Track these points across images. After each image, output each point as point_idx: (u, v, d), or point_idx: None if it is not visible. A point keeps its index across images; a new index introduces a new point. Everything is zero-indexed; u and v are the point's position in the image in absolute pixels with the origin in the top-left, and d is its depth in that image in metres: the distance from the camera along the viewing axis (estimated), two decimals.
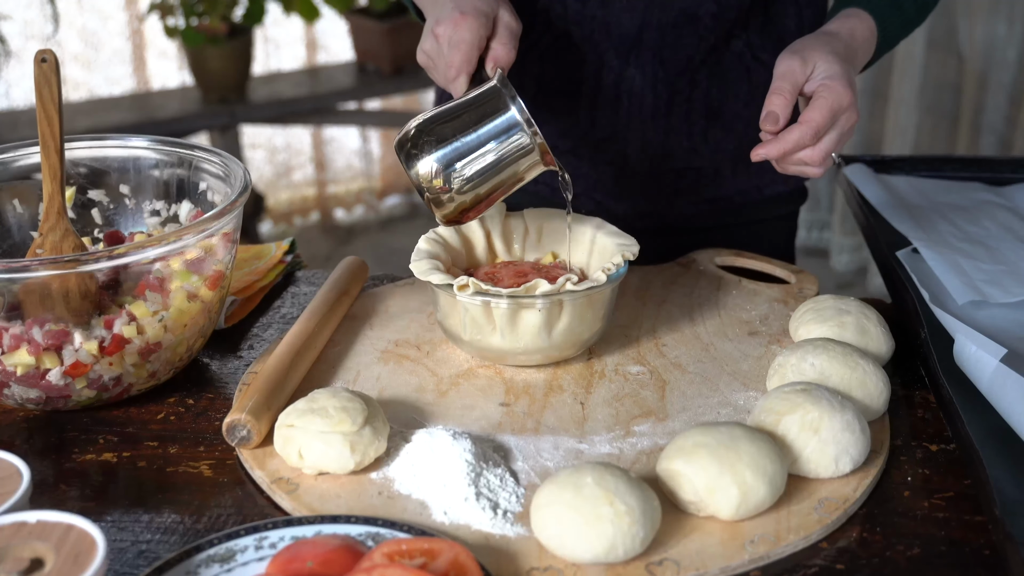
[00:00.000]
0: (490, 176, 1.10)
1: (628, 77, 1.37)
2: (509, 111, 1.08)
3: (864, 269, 3.82)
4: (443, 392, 1.12)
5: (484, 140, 1.09)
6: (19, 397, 1.07)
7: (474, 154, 1.09)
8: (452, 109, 1.11)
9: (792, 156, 1.14)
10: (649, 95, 1.38)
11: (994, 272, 1.27)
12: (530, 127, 1.08)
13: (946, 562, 0.89)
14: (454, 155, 1.09)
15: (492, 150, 1.09)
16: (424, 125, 1.10)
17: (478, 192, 1.10)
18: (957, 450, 1.03)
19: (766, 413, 0.99)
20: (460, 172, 1.09)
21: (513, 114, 1.08)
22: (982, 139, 3.47)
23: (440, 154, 1.09)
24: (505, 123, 1.08)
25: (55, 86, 1.11)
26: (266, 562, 0.86)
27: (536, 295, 1.09)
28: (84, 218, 1.25)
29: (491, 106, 1.09)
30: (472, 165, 1.09)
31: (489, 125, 1.09)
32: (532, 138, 1.08)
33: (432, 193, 1.10)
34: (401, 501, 0.95)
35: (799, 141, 1.12)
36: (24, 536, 0.81)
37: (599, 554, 0.86)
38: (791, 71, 1.15)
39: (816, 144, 1.13)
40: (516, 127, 1.08)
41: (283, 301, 1.34)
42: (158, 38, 3.90)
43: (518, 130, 1.08)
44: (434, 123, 1.10)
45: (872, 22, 1.24)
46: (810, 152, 1.13)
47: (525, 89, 1.41)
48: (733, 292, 1.32)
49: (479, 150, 1.09)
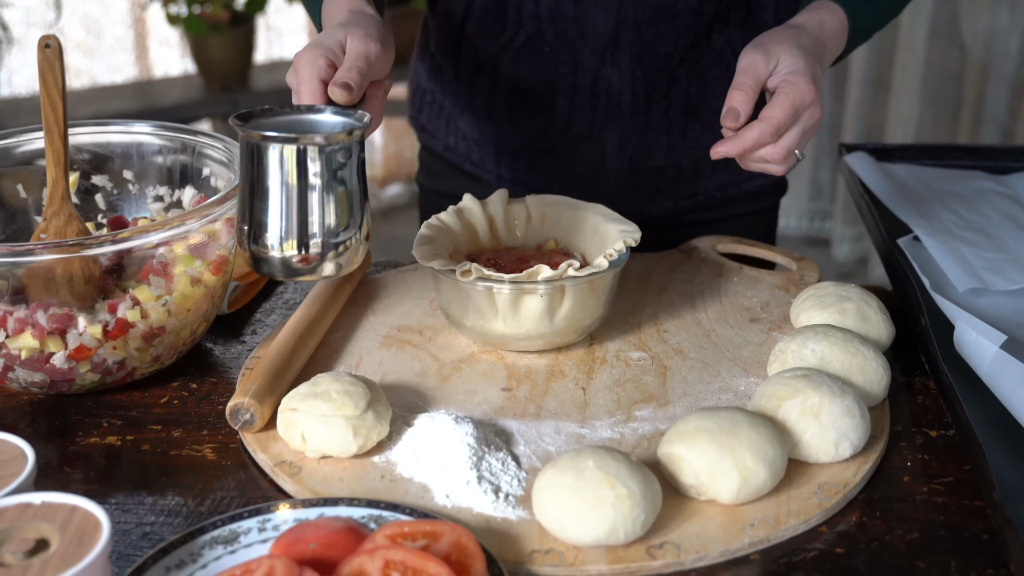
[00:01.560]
0: (334, 204, 0.97)
1: (605, 75, 1.35)
2: (281, 144, 0.94)
3: (865, 259, 3.83)
4: (445, 377, 1.13)
5: (299, 185, 0.95)
6: (23, 381, 1.08)
7: (304, 203, 0.95)
8: (244, 189, 0.98)
9: (753, 154, 1.11)
10: (627, 92, 1.36)
11: (995, 260, 1.28)
12: (307, 137, 0.94)
13: (945, 547, 0.90)
14: (286, 223, 0.96)
15: (311, 186, 0.95)
16: (241, 223, 0.98)
17: (339, 224, 0.97)
18: (957, 436, 1.04)
19: (767, 398, 1.00)
20: (308, 229, 0.96)
21: (284, 146, 0.94)
22: (984, 129, 3.47)
23: (275, 232, 0.96)
24: (291, 156, 0.94)
25: (59, 72, 1.11)
26: (269, 544, 0.86)
27: (538, 280, 1.09)
28: (88, 204, 1.26)
29: (266, 155, 0.95)
30: (309, 214, 0.96)
31: (283, 170, 0.95)
32: (315, 141, 0.94)
33: (311, 262, 0.97)
34: (403, 484, 0.96)
35: (759, 139, 1.09)
36: (29, 517, 0.82)
37: (600, 537, 0.87)
38: (753, 66, 1.12)
39: (777, 141, 1.10)
40: (304, 150, 0.94)
41: (286, 287, 1.35)
42: (160, 26, 3.91)
43: (309, 148, 0.94)
44: (246, 212, 0.98)
45: (843, 14, 1.20)
46: (771, 150, 1.10)
47: (500, 88, 1.40)
48: (734, 279, 1.33)
49: (301, 197, 0.95)
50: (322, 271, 0.98)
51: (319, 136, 0.95)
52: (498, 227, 1.25)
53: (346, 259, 0.99)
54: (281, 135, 0.94)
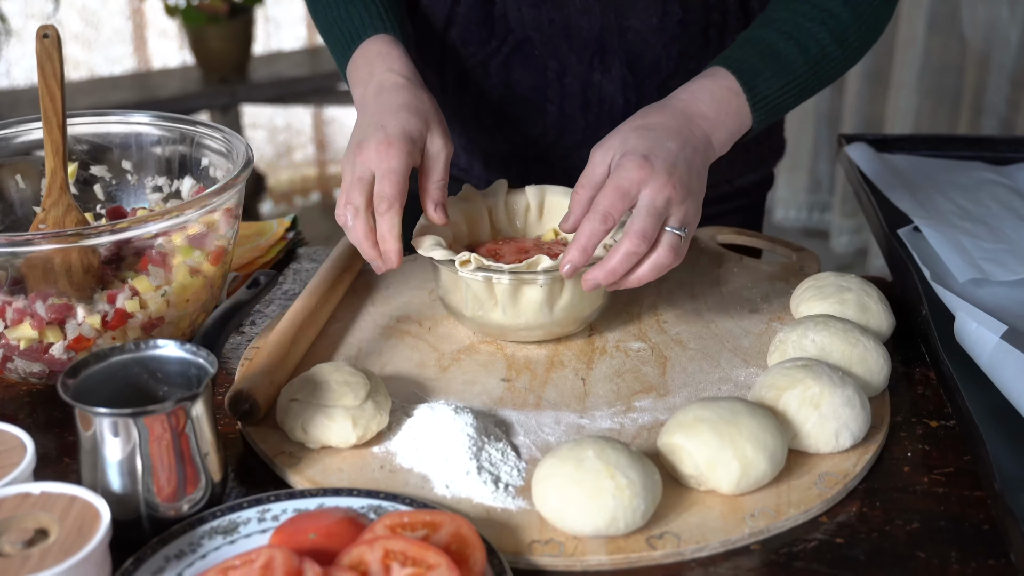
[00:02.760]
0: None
1: (595, 83, 1.34)
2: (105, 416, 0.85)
3: (864, 250, 3.83)
4: (444, 367, 1.12)
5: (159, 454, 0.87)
6: (22, 371, 1.08)
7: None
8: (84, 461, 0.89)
9: (618, 259, 1.02)
10: (619, 100, 1.35)
11: (995, 250, 1.27)
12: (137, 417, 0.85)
13: (945, 537, 0.90)
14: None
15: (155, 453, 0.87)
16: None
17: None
18: (957, 426, 1.04)
19: (767, 388, 1.00)
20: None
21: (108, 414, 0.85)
22: (984, 121, 3.47)
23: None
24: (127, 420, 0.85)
25: (57, 62, 1.11)
26: (269, 534, 0.86)
27: (538, 271, 1.09)
28: (86, 194, 1.25)
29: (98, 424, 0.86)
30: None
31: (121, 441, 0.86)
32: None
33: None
34: (403, 475, 0.96)
35: (592, 231, 1.02)
36: (28, 507, 0.82)
37: (600, 527, 0.86)
38: (590, 168, 1.06)
39: (631, 229, 1.01)
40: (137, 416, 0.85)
41: (285, 277, 1.35)
42: (158, 17, 3.90)
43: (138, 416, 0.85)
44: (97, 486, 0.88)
45: (732, 80, 1.11)
46: (627, 244, 1.01)
47: (489, 96, 1.38)
48: (734, 270, 1.32)
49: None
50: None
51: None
52: (498, 217, 1.25)
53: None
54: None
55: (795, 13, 1.15)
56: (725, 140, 1.11)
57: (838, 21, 1.15)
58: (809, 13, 1.15)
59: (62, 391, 0.86)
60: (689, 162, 1.05)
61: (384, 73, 1.15)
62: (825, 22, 1.15)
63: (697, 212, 1.06)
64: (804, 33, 1.14)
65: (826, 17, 1.15)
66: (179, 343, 0.93)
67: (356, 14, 1.21)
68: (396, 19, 1.22)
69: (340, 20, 1.22)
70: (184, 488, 0.88)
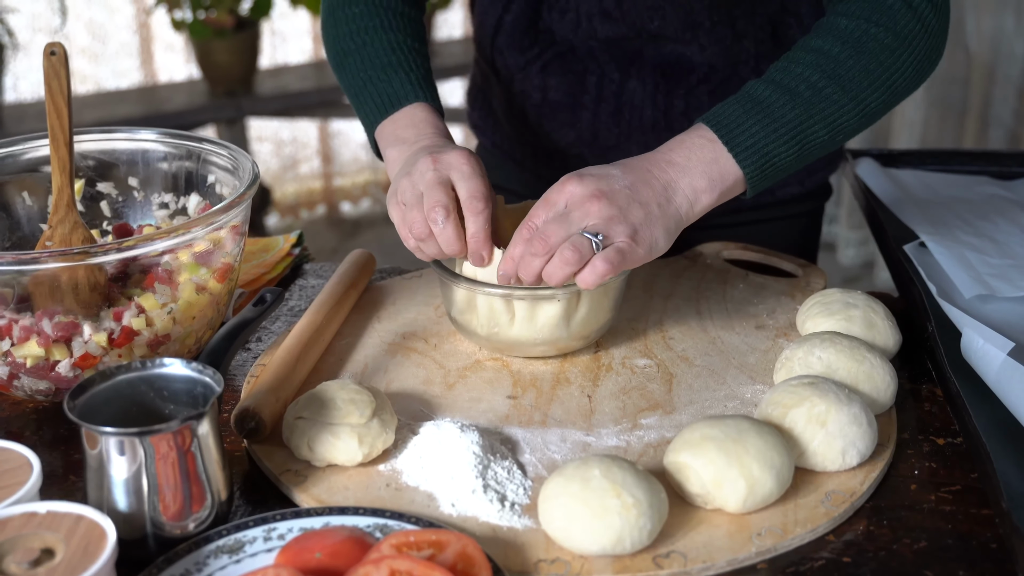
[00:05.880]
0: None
1: (629, 89, 1.38)
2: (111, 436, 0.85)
3: (871, 263, 3.82)
4: (450, 385, 1.12)
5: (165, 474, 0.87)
6: (29, 389, 1.08)
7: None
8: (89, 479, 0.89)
9: (533, 265, 1.04)
10: (648, 107, 1.38)
11: (1001, 266, 1.27)
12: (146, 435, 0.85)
13: (953, 555, 0.90)
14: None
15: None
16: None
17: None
18: (964, 444, 1.03)
19: (773, 406, 1.00)
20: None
21: (112, 434, 0.85)
22: (990, 133, 3.47)
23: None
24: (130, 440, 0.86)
25: (64, 79, 1.11)
26: (274, 553, 0.86)
27: (556, 287, 1.07)
28: (93, 211, 1.26)
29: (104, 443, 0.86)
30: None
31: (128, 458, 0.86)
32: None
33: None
34: (409, 493, 0.96)
35: (515, 239, 1.06)
36: (34, 527, 0.82)
37: (606, 546, 0.86)
38: (543, 200, 1.07)
39: (528, 236, 1.04)
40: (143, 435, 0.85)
41: (291, 294, 1.35)
42: (165, 31, 3.91)
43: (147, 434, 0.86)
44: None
45: (707, 130, 1.10)
46: (558, 255, 1.03)
47: (531, 98, 1.43)
48: (740, 286, 1.32)
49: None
50: None
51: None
52: (504, 232, 1.25)
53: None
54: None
55: (788, 61, 1.13)
56: (702, 187, 1.08)
57: (833, 61, 1.11)
58: (802, 59, 1.12)
59: (68, 411, 0.86)
60: (632, 189, 1.05)
61: (433, 136, 1.17)
62: (818, 64, 1.11)
63: (631, 235, 1.04)
64: (792, 77, 1.11)
65: (818, 59, 1.12)
66: (185, 361, 0.93)
67: (396, 79, 1.22)
68: (433, 90, 1.24)
69: (376, 82, 1.23)
70: (190, 507, 0.88)
